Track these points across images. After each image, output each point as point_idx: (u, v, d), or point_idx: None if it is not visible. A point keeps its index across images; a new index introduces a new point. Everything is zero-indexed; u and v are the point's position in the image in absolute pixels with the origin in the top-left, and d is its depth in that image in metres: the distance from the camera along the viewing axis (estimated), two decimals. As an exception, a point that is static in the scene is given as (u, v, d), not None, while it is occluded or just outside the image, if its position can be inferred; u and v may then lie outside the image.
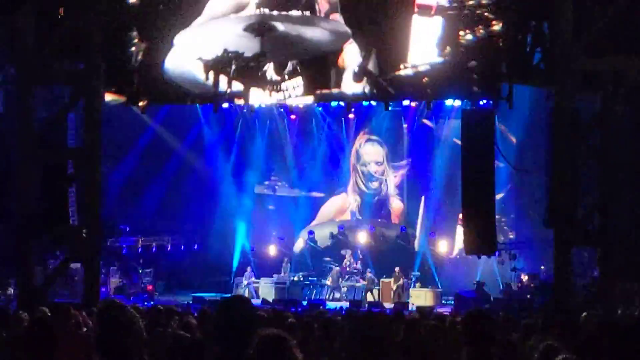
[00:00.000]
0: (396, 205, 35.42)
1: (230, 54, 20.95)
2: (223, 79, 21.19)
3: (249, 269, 32.89)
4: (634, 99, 19.61)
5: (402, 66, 20.26)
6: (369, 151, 35.54)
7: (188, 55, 21.50)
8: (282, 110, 32.93)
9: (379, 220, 35.48)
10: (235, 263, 34.27)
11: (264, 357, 5.00)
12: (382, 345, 6.65)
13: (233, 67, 20.98)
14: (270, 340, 5.07)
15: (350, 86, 20.92)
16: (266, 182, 36.19)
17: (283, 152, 35.75)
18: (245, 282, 32.05)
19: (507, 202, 32.22)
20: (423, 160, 34.50)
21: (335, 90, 21.24)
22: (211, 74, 21.13)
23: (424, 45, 20.22)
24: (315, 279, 32.74)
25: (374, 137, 35.37)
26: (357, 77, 20.68)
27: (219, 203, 34.83)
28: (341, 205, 35.95)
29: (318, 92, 21.44)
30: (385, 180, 35.47)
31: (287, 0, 20.97)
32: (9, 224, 22.05)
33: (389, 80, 20.40)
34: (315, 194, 35.84)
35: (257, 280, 32.43)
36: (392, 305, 27.27)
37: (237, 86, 21.34)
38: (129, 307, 4.96)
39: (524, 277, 28.49)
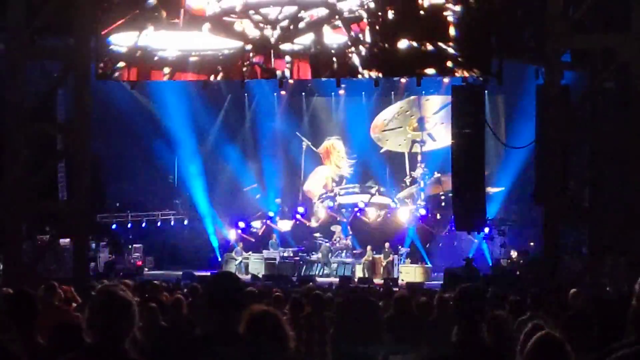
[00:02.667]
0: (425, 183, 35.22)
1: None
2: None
3: (241, 244, 32.89)
4: (623, 76, 19.63)
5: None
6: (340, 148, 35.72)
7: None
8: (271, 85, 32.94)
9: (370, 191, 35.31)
10: (213, 240, 34.23)
11: (255, 333, 5.00)
12: (371, 321, 6.66)
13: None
14: (261, 316, 5.06)
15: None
16: (254, 157, 36.08)
17: (271, 127, 35.65)
18: (239, 259, 32.08)
19: (498, 178, 32.23)
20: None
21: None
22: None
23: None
24: (304, 255, 32.74)
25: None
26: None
27: (209, 178, 34.74)
28: (325, 175, 35.92)
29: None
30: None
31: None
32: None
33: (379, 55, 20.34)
34: (303, 169, 35.83)
35: (247, 256, 32.48)
36: (381, 281, 27.32)
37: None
38: (125, 293, 4.96)
39: (514, 254, 28.57)
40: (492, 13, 19.54)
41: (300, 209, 34.70)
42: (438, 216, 33.45)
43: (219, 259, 33.09)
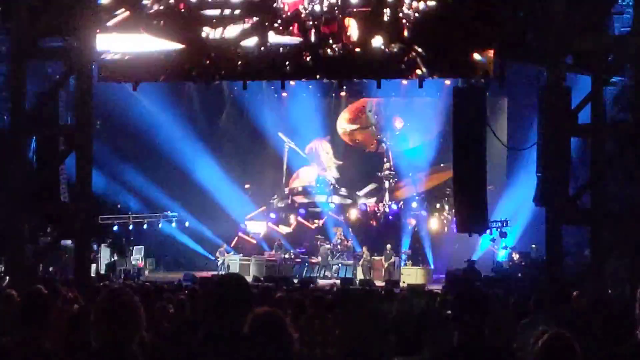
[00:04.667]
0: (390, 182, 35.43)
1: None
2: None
3: (224, 245, 32.89)
4: (625, 77, 19.66)
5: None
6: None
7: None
8: (272, 87, 33.00)
9: (371, 199, 35.52)
10: (200, 245, 34.29)
11: (259, 334, 5.00)
12: (374, 323, 6.66)
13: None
14: (265, 318, 5.06)
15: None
16: (252, 158, 36.12)
17: (273, 128, 35.64)
18: (221, 260, 32.07)
19: (500, 181, 32.29)
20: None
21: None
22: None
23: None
24: (306, 256, 32.74)
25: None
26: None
27: (211, 180, 34.75)
28: (309, 176, 36.07)
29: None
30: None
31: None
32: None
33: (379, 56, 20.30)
34: (285, 169, 35.95)
35: (234, 258, 32.42)
36: (383, 283, 27.32)
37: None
38: (131, 296, 4.99)
39: (515, 256, 28.55)
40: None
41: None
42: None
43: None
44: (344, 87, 30.59)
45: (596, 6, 18.87)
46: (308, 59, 20.26)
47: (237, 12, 20.51)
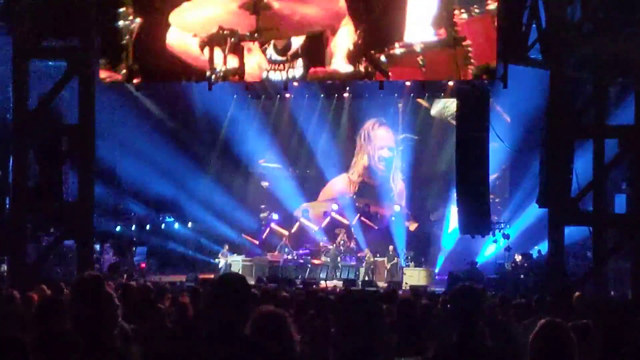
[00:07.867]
0: (397, 185, 35.43)
1: (225, 31, 20.81)
2: (219, 56, 21.01)
3: (226, 247, 32.84)
4: (628, 80, 19.64)
5: (396, 45, 20.12)
6: (382, 135, 35.57)
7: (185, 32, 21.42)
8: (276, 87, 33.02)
9: (374, 200, 35.54)
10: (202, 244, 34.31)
11: (262, 334, 4.99)
12: (375, 325, 6.65)
13: (228, 44, 20.84)
14: (268, 317, 5.05)
15: (346, 65, 20.78)
16: (261, 160, 36.12)
17: (277, 130, 35.64)
18: (223, 261, 31.99)
19: (502, 182, 32.30)
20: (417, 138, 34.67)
21: (330, 69, 21.11)
22: (206, 50, 20.97)
23: (419, 23, 20.10)
24: (309, 258, 32.73)
25: (385, 122, 35.39)
26: (353, 56, 20.56)
27: (213, 181, 34.76)
28: (343, 185, 36.00)
29: (313, 70, 21.31)
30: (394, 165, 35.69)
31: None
32: (3, 201, 22.00)
33: (383, 59, 20.29)
34: (309, 172, 35.83)
35: (237, 259, 32.40)
36: (385, 285, 27.31)
37: (233, 64, 21.21)
38: (101, 281, 5.03)
39: (518, 257, 28.54)
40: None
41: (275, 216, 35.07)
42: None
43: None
44: (347, 88, 30.52)
45: (600, 7, 18.85)
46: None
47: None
